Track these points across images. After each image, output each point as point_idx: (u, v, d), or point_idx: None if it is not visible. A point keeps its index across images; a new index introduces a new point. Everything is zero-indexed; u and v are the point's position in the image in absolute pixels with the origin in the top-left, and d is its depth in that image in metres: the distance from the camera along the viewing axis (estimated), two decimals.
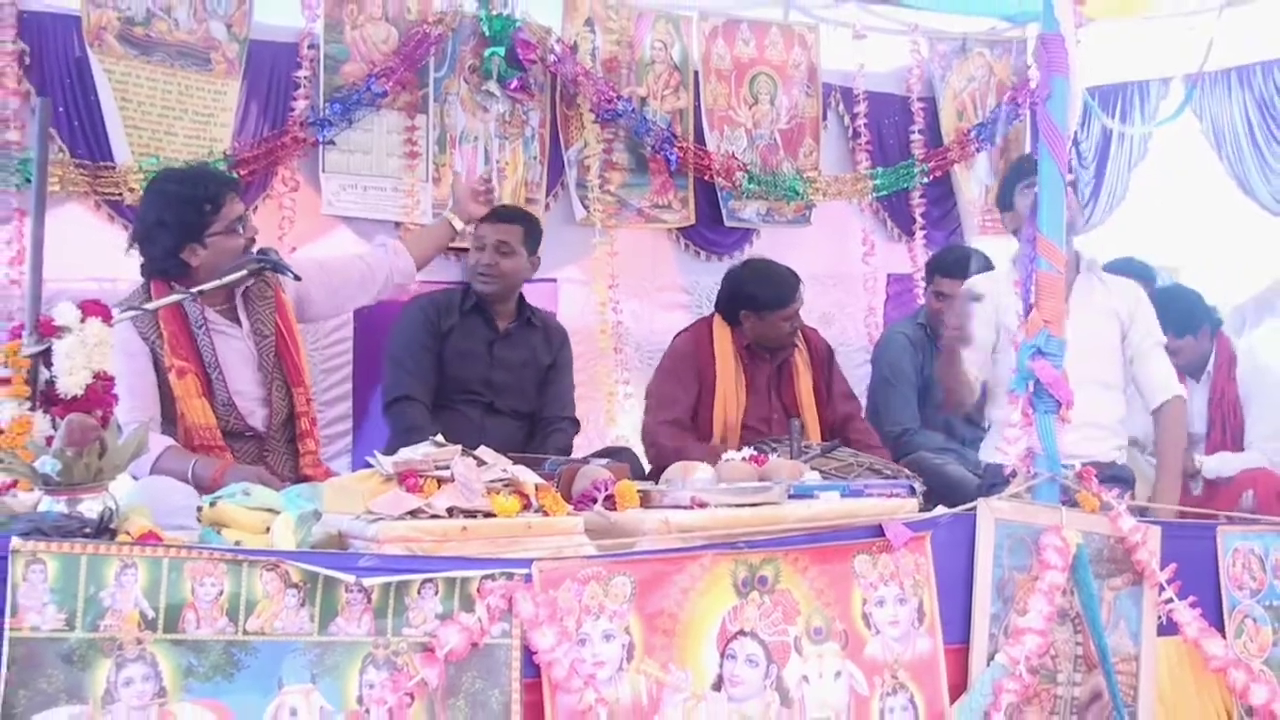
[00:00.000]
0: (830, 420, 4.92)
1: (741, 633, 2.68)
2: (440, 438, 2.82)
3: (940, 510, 3.04)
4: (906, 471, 3.75)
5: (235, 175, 3.94)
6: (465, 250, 4.99)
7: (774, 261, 5.01)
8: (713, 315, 5.00)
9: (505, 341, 4.76)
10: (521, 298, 4.86)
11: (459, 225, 4.55)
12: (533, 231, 4.80)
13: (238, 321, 3.81)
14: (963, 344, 3.98)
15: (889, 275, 6.50)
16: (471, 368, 4.70)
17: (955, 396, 4.21)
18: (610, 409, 5.63)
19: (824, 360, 5.05)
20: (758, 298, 4.79)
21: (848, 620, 2.80)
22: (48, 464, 2.42)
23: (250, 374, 3.80)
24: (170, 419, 3.68)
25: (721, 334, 4.89)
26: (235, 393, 3.75)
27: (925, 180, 6.44)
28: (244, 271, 3.59)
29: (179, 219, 3.68)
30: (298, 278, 3.76)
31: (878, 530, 2.86)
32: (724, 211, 5.99)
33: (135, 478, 3.40)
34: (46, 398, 2.81)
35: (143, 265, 3.78)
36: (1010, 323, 4.01)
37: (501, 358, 4.74)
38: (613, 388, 5.65)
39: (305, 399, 3.85)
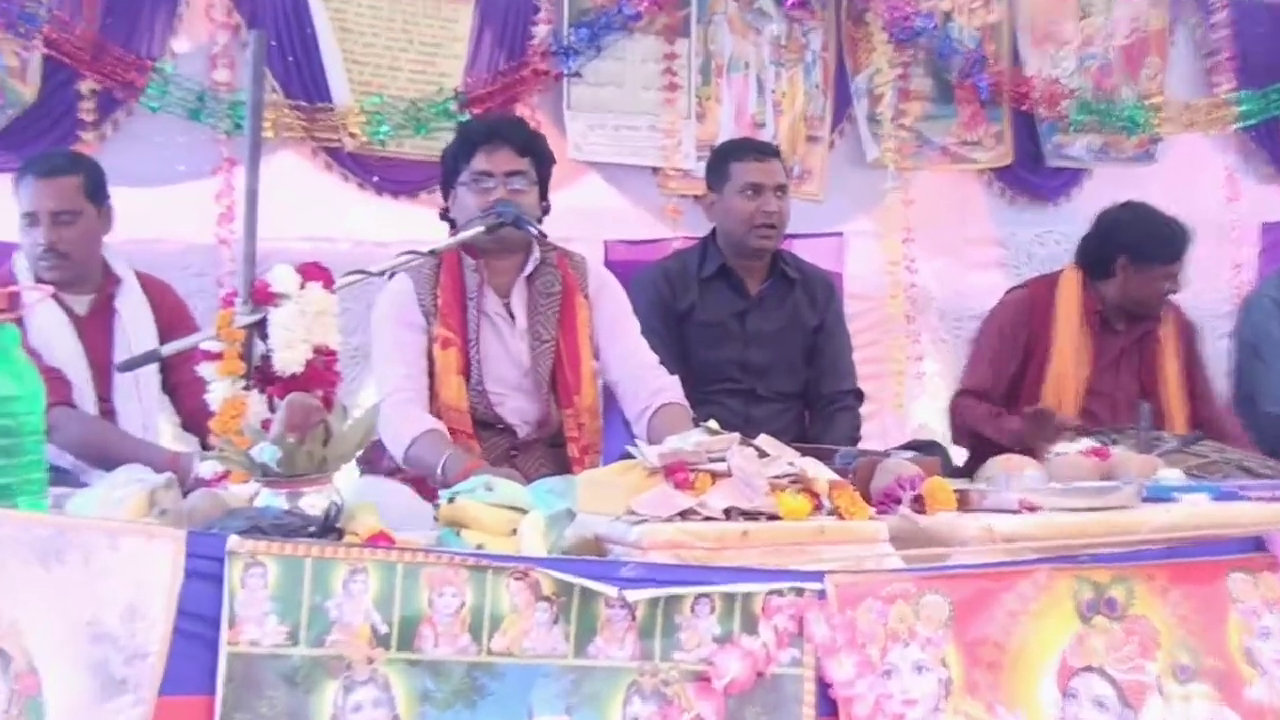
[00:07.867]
0: (1196, 414, 4.69)
1: (1088, 668, 2.54)
2: (714, 423, 2.76)
3: None
4: None
5: (523, 132, 3.90)
6: (699, 196, 4.85)
7: (1158, 209, 4.76)
8: (1058, 272, 4.82)
9: (760, 309, 4.64)
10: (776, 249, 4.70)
11: None
12: None
13: (511, 316, 3.83)
14: None
15: (1263, 224, 6.26)
16: (722, 348, 4.60)
17: None
18: (899, 392, 5.54)
19: (1190, 338, 4.84)
20: (1144, 246, 4.58)
21: (1223, 655, 2.61)
22: (266, 452, 2.42)
23: (515, 377, 3.82)
24: (432, 397, 3.74)
25: (1069, 292, 4.69)
26: (491, 379, 3.79)
27: None
28: (475, 230, 3.54)
29: (445, 160, 3.90)
30: (542, 234, 3.72)
31: (1256, 543, 2.68)
32: (1046, 149, 5.89)
33: (383, 470, 3.49)
34: (262, 375, 2.87)
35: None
36: None
37: (757, 331, 4.63)
38: (903, 365, 5.58)
39: (576, 424, 3.81)
